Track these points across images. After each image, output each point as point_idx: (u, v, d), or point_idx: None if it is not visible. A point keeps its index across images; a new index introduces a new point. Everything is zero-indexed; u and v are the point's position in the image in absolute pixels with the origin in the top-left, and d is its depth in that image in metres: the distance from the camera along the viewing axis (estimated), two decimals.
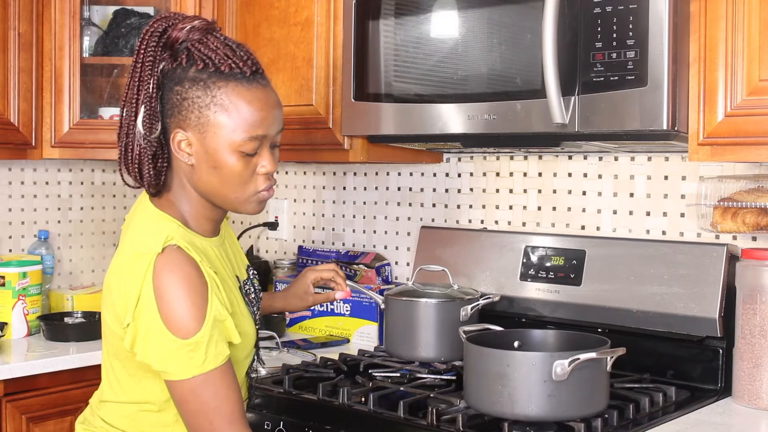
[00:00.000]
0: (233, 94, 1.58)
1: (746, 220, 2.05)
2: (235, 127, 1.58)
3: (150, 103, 1.58)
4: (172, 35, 1.59)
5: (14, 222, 3.11)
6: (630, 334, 2.24)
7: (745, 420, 1.97)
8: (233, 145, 1.58)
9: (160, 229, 1.60)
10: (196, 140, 1.59)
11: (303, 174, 3.15)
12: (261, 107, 1.60)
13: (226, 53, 1.59)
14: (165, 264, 1.54)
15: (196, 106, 1.57)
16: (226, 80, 1.58)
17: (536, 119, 2.03)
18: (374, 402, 1.98)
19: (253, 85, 1.60)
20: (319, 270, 2.15)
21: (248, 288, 1.80)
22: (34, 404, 2.45)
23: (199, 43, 1.59)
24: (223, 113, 1.57)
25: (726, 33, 1.87)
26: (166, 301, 1.52)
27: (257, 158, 1.62)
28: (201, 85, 1.57)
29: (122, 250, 1.63)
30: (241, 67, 1.58)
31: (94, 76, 3.01)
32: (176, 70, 1.59)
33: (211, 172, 1.60)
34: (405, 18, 2.26)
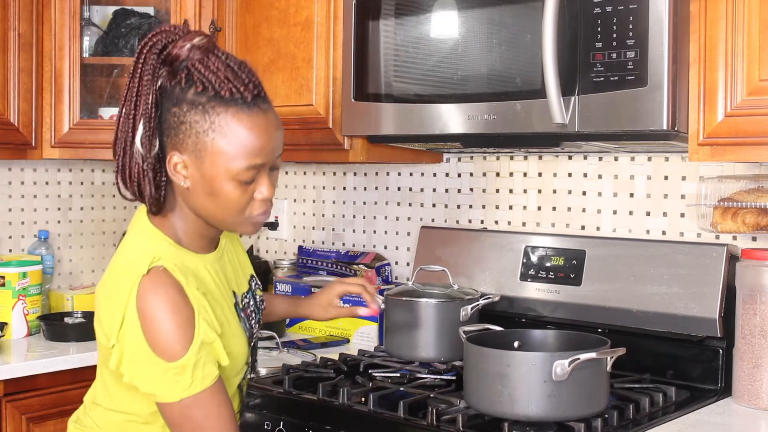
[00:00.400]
0: (233, 121, 1.51)
1: (746, 220, 2.05)
2: (234, 155, 1.52)
3: (149, 122, 1.53)
4: (173, 52, 1.53)
5: (14, 222, 3.11)
6: (630, 334, 2.24)
7: (745, 420, 1.97)
8: (230, 173, 1.53)
9: (149, 248, 1.57)
10: (193, 165, 1.54)
11: (303, 174, 3.15)
12: (261, 135, 1.54)
13: (227, 76, 1.52)
14: (149, 286, 1.51)
15: (193, 131, 1.52)
16: (225, 106, 1.51)
17: (536, 119, 2.03)
18: (374, 402, 1.98)
19: (253, 111, 1.53)
20: (347, 283, 2.11)
21: (246, 302, 1.76)
22: (34, 404, 2.45)
23: (200, 63, 1.52)
24: (222, 140, 1.51)
25: (726, 33, 1.87)
26: (149, 324, 1.50)
27: (255, 184, 1.57)
28: (200, 110, 1.51)
29: (111, 265, 1.61)
30: (242, 92, 1.52)
31: (94, 76, 3.01)
32: (174, 89, 1.53)
33: (207, 197, 1.56)
34: (405, 18, 2.26)
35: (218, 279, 1.67)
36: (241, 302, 1.74)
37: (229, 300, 1.69)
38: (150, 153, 1.54)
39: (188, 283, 1.56)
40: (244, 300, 1.76)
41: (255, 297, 1.81)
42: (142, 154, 1.54)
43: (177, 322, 1.51)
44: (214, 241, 1.70)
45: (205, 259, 1.66)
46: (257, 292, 1.83)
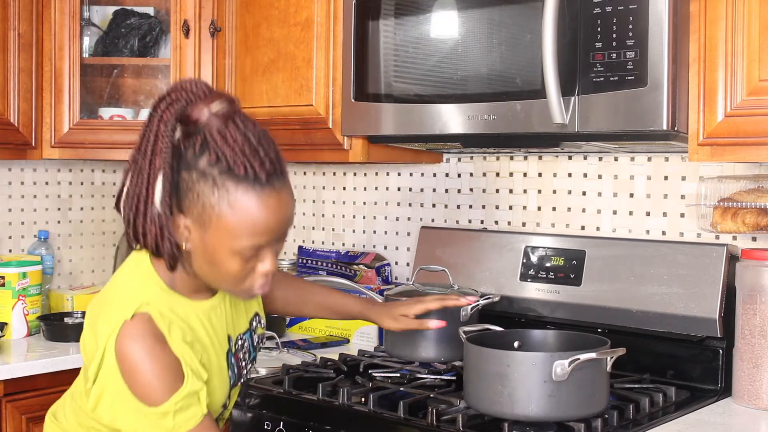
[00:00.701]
0: (244, 199, 1.44)
1: (746, 220, 2.05)
2: (239, 233, 1.46)
3: (169, 185, 1.46)
4: (192, 115, 1.46)
5: (14, 222, 3.11)
6: (630, 334, 2.24)
7: (745, 420, 1.97)
8: (233, 249, 1.47)
9: (139, 292, 1.54)
10: (196, 231, 1.48)
11: (303, 174, 3.15)
12: (270, 215, 1.47)
13: (244, 151, 1.44)
14: (129, 333, 1.48)
15: (200, 201, 1.45)
16: (237, 182, 1.44)
17: (536, 119, 2.03)
18: (374, 402, 1.98)
19: (265, 190, 1.46)
20: (426, 302, 2.04)
21: (241, 343, 1.72)
22: (34, 404, 2.45)
23: (218, 132, 1.44)
24: (228, 218, 1.45)
25: (726, 33, 1.87)
26: (128, 370, 1.48)
27: (257, 259, 1.52)
28: (210, 182, 1.44)
29: (104, 294, 1.59)
30: (256, 170, 1.44)
31: (94, 77, 3.01)
32: (187, 151, 1.45)
33: (206, 264, 1.51)
34: (405, 18, 2.26)
35: (210, 327, 1.62)
36: (234, 346, 1.70)
37: (221, 347, 1.66)
38: (170, 214, 1.47)
39: (172, 333, 1.52)
40: (239, 342, 1.72)
41: (253, 337, 1.77)
42: (161, 214, 1.47)
43: (155, 371, 1.48)
44: (211, 289, 1.65)
45: (198, 307, 1.61)
46: (258, 330, 1.80)
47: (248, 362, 1.76)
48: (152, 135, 1.47)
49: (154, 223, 1.48)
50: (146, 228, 1.49)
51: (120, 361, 1.48)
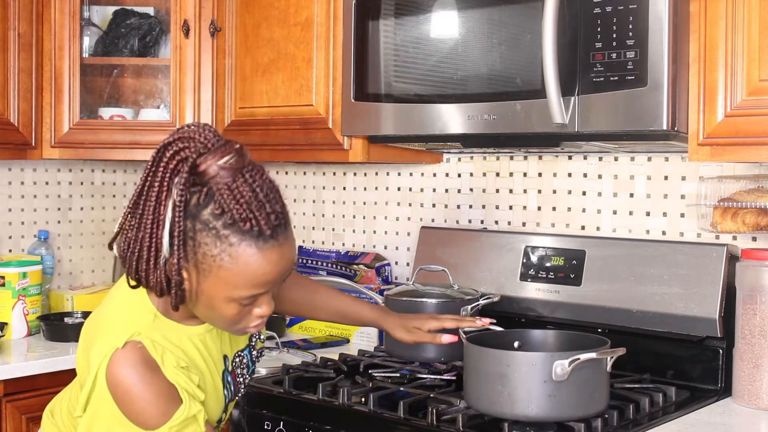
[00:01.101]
0: (246, 254, 1.43)
1: (746, 220, 2.05)
2: (238, 284, 1.45)
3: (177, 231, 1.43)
4: (200, 167, 1.42)
5: (14, 222, 3.11)
6: (630, 334, 2.24)
7: (745, 420, 1.97)
8: (231, 298, 1.47)
9: (132, 319, 1.53)
10: (195, 278, 1.46)
11: (303, 174, 3.15)
12: (271, 269, 1.46)
13: (251, 207, 1.42)
14: (120, 362, 1.48)
15: (200, 251, 1.43)
16: (241, 237, 1.42)
17: (536, 119, 2.03)
18: (374, 402, 1.98)
19: (268, 245, 1.44)
20: (442, 320, 2.03)
21: (238, 360, 1.72)
22: (34, 404, 2.45)
23: (226, 187, 1.42)
24: (228, 270, 1.44)
25: (726, 33, 1.87)
26: (121, 398, 1.48)
27: (254, 305, 1.52)
28: (212, 234, 1.42)
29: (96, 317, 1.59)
30: (261, 226, 1.42)
31: (94, 76, 3.01)
32: (191, 200, 1.43)
33: (204, 308, 1.51)
34: (405, 18, 2.26)
35: (204, 349, 1.62)
36: (231, 364, 1.70)
37: (217, 367, 1.65)
38: (179, 260, 1.44)
39: (165, 360, 1.52)
40: (236, 359, 1.72)
41: (252, 353, 1.77)
42: (168, 263, 1.45)
43: (148, 398, 1.48)
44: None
45: (192, 331, 1.60)
46: (257, 344, 1.79)
47: (246, 377, 1.76)
48: (157, 183, 1.43)
49: (162, 271, 1.46)
50: (151, 273, 1.47)
51: (112, 389, 1.48)
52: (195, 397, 1.53)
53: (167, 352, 1.53)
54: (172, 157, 1.43)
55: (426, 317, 2.05)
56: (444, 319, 2.04)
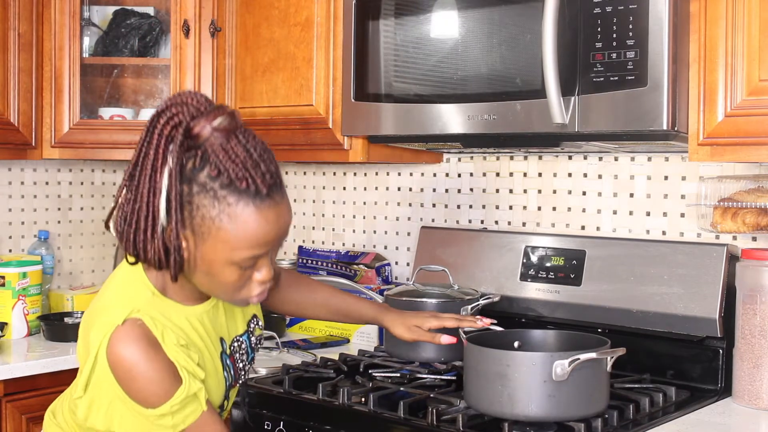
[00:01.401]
0: (244, 213, 1.44)
1: (746, 220, 2.05)
2: (238, 245, 1.46)
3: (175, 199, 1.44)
4: (194, 130, 1.44)
5: (14, 222, 3.11)
6: (630, 334, 2.24)
7: (745, 420, 1.97)
8: (231, 261, 1.48)
9: (130, 298, 1.54)
10: (193, 244, 1.47)
11: (303, 174, 3.15)
12: (269, 228, 1.48)
13: (246, 167, 1.44)
14: (120, 338, 1.48)
15: (199, 213, 1.45)
16: (238, 196, 1.44)
17: (536, 119, 2.03)
18: (374, 402, 1.98)
19: (265, 204, 1.46)
20: (443, 319, 2.02)
21: (237, 345, 1.72)
22: (34, 404, 2.45)
23: (220, 147, 1.44)
24: (228, 231, 1.45)
25: (726, 33, 1.87)
26: (122, 376, 1.48)
27: (254, 268, 1.53)
28: (210, 195, 1.44)
29: (94, 303, 1.59)
30: (258, 185, 1.44)
31: (94, 76, 3.01)
32: (186, 164, 1.44)
33: (203, 275, 1.51)
34: (405, 18, 2.26)
35: (203, 330, 1.63)
36: (229, 348, 1.70)
37: (215, 350, 1.65)
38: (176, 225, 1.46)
39: (165, 337, 1.52)
40: (234, 344, 1.72)
41: (251, 338, 1.77)
42: (166, 229, 1.46)
43: (150, 376, 1.48)
44: (204, 295, 1.64)
45: (190, 311, 1.61)
46: (256, 331, 1.79)
47: (246, 363, 1.76)
48: (152, 150, 1.45)
49: (160, 240, 1.46)
50: (149, 244, 1.47)
51: (113, 367, 1.48)
52: (195, 376, 1.53)
53: (167, 330, 1.53)
54: (167, 122, 1.44)
55: (427, 315, 2.05)
56: (445, 318, 2.03)
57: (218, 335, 1.67)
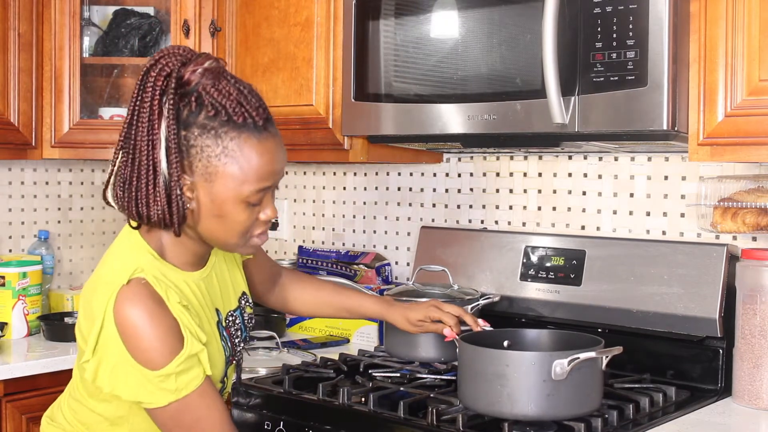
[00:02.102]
0: (245, 146, 1.51)
1: (746, 220, 2.05)
2: (245, 179, 1.52)
3: (174, 144, 1.49)
4: (184, 76, 1.51)
5: (14, 222, 3.11)
6: (630, 334, 2.24)
7: (745, 420, 1.97)
8: (241, 196, 1.53)
9: (132, 259, 1.56)
10: (201, 187, 1.52)
11: (303, 174, 3.15)
12: (271, 159, 1.55)
13: (239, 101, 1.51)
14: (127, 297, 1.50)
15: (204, 154, 1.50)
16: (238, 130, 1.51)
17: (536, 119, 2.03)
18: (374, 402, 1.98)
19: (263, 136, 1.53)
20: (444, 311, 2.04)
21: (231, 320, 1.75)
22: (34, 404, 2.45)
23: (213, 87, 1.51)
24: (234, 165, 1.51)
25: (726, 33, 1.87)
26: (129, 334, 1.49)
27: (260, 206, 1.58)
28: (212, 134, 1.50)
29: (94, 274, 1.61)
30: (254, 117, 1.52)
31: (94, 76, 3.01)
32: (182, 112, 1.50)
33: (213, 219, 1.55)
34: (405, 18, 2.26)
35: (201, 296, 1.65)
36: (225, 320, 1.72)
37: (212, 317, 1.68)
38: (178, 174, 1.50)
39: (169, 296, 1.54)
40: (229, 318, 1.74)
41: (243, 315, 1.80)
42: (167, 176, 1.50)
43: (157, 334, 1.50)
44: (202, 259, 1.68)
45: (188, 276, 1.64)
46: (247, 309, 1.82)
47: (241, 340, 1.78)
48: (147, 105, 1.50)
49: (162, 192, 1.51)
50: (151, 199, 1.52)
51: (120, 327, 1.49)
52: (196, 337, 1.55)
53: (170, 289, 1.56)
54: (158, 75, 1.50)
55: (428, 305, 2.07)
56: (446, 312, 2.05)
57: (214, 304, 1.70)
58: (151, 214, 1.53)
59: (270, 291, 2.08)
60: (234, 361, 1.76)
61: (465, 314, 2.05)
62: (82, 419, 1.68)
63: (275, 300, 2.10)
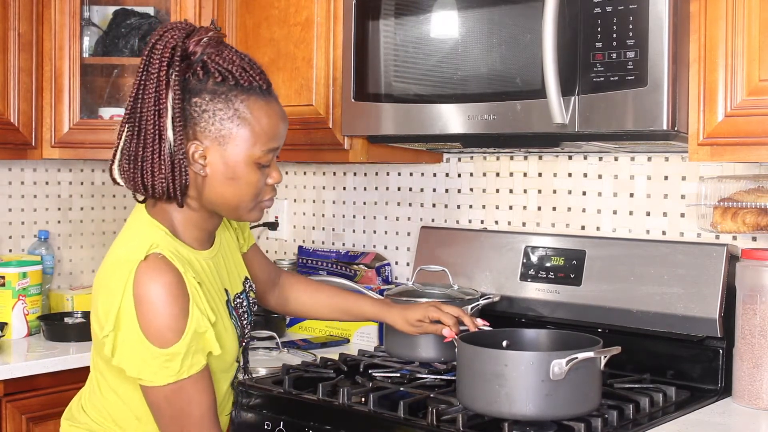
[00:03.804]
0: (254, 108, 1.61)
1: (746, 220, 2.05)
2: (256, 140, 1.61)
3: (179, 113, 1.56)
4: (189, 48, 1.59)
5: (14, 222, 3.11)
6: (630, 334, 2.24)
7: (745, 420, 1.97)
8: (253, 157, 1.61)
9: (146, 236, 1.60)
10: (215, 151, 1.60)
11: (303, 174, 3.15)
12: (278, 121, 1.65)
13: (243, 67, 1.61)
14: (146, 272, 1.53)
15: (217, 118, 1.59)
16: (246, 94, 1.60)
17: (536, 119, 2.03)
18: (374, 402, 1.98)
19: (268, 99, 1.64)
20: (443, 312, 2.05)
21: (239, 302, 1.79)
22: (34, 404, 2.45)
23: (216, 55, 1.59)
24: (246, 126, 1.60)
25: (726, 33, 1.87)
26: (145, 309, 1.52)
27: (268, 169, 1.66)
28: (222, 98, 1.59)
29: (109, 255, 1.64)
30: (258, 81, 1.62)
31: (94, 76, 3.01)
32: (190, 81, 1.58)
33: (227, 183, 1.62)
34: (405, 18, 2.26)
35: (211, 275, 1.70)
36: (233, 301, 1.76)
37: (221, 295, 1.72)
38: (182, 142, 1.57)
39: (186, 270, 1.58)
40: (237, 300, 1.78)
41: (249, 298, 1.83)
42: (172, 144, 1.57)
43: (172, 310, 1.53)
44: (210, 236, 1.73)
45: (199, 255, 1.68)
46: (251, 294, 1.85)
47: (248, 323, 1.81)
48: (154, 77, 1.56)
49: (166, 157, 1.56)
50: (156, 168, 1.57)
51: (138, 301, 1.52)
52: (205, 315, 1.58)
53: (185, 264, 1.60)
54: (165, 48, 1.57)
55: (427, 306, 2.07)
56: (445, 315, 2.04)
57: (223, 285, 1.74)
58: (155, 183, 1.58)
59: (269, 292, 2.10)
60: (244, 343, 1.80)
61: (464, 315, 2.05)
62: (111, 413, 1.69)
63: (275, 301, 2.12)
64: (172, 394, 1.56)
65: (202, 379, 1.58)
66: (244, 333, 1.78)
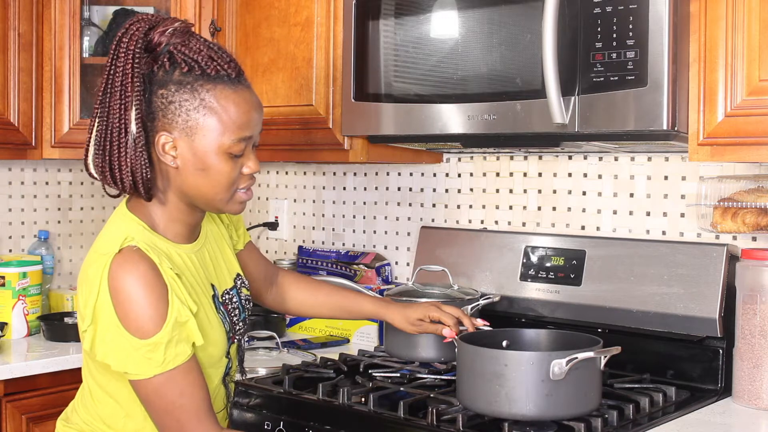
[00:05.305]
0: (221, 97, 1.58)
1: (746, 220, 2.05)
2: (225, 129, 1.58)
3: (141, 106, 1.57)
4: (154, 39, 1.58)
5: (14, 222, 3.11)
6: (630, 334, 2.24)
7: (745, 420, 1.97)
8: (222, 147, 1.59)
9: (122, 230, 1.60)
10: (183, 143, 1.59)
11: (303, 174, 3.15)
12: (248, 109, 1.61)
13: (210, 56, 1.59)
14: (121, 264, 1.53)
15: (183, 109, 1.57)
16: (213, 83, 1.58)
17: (536, 119, 2.03)
18: (374, 402, 1.98)
19: (238, 87, 1.61)
20: (443, 312, 2.05)
21: (228, 297, 1.77)
22: (34, 404, 2.45)
23: (182, 45, 1.58)
24: (213, 116, 1.58)
25: (726, 33, 1.87)
26: (122, 301, 1.52)
27: (242, 159, 1.63)
28: (188, 88, 1.57)
29: (89, 251, 1.65)
30: (226, 70, 1.59)
31: (94, 76, 3.01)
32: (158, 73, 1.58)
33: (198, 174, 1.60)
34: (405, 18, 2.26)
35: (194, 269, 1.68)
36: (221, 296, 1.75)
37: (207, 291, 1.70)
38: (145, 135, 1.57)
39: (161, 262, 1.57)
40: (226, 296, 1.77)
41: (240, 295, 1.81)
42: (135, 137, 1.56)
43: (149, 301, 1.52)
44: (193, 230, 1.72)
45: (180, 248, 1.68)
46: (243, 290, 1.83)
47: (240, 320, 1.79)
48: (120, 70, 1.56)
49: (131, 148, 1.57)
50: (122, 161, 1.57)
51: (113, 294, 1.52)
52: (186, 305, 1.57)
53: (162, 257, 1.59)
54: (130, 40, 1.57)
55: (428, 306, 2.08)
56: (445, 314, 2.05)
57: (208, 279, 1.72)
58: (123, 177, 1.58)
59: (267, 291, 2.09)
60: (236, 340, 1.78)
61: (464, 316, 2.05)
62: (100, 412, 1.68)
63: (272, 300, 2.11)
64: (161, 387, 1.54)
65: (192, 371, 1.57)
66: (234, 329, 1.77)
